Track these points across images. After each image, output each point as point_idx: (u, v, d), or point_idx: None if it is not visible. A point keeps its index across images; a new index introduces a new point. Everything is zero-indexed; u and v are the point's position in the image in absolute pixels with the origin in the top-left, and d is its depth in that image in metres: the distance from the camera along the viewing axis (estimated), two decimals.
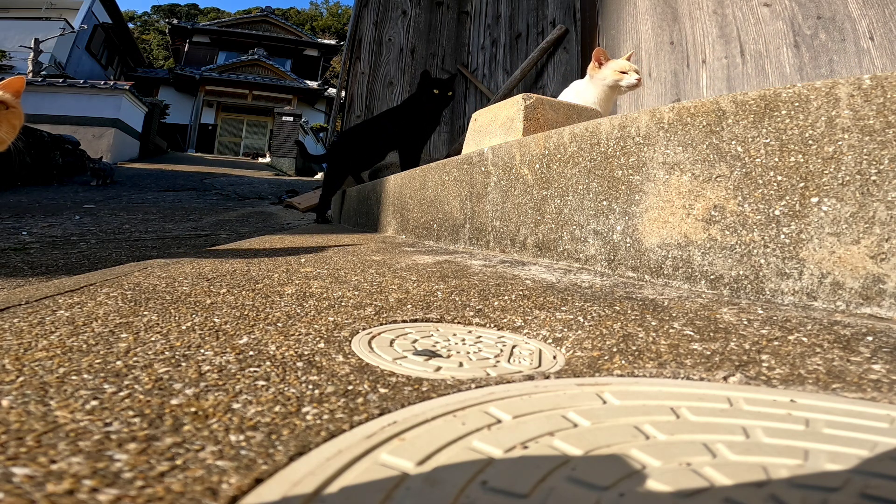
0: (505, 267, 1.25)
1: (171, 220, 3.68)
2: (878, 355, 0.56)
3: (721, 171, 0.92)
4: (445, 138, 5.26)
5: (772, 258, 0.84)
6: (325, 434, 0.38)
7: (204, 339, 0.60)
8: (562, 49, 3.62)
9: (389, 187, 2.57)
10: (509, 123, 1.69)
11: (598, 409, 0.43)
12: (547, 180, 1.33)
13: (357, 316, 0.76)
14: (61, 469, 0.31)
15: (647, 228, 1.04)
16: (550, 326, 0.73)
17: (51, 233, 2.60)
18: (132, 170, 8.60)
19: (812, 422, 0.40)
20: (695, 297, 0.87)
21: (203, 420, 0.39)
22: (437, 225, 1.93)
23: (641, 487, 0.30)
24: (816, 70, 1.93)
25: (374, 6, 5.72)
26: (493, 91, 4.38)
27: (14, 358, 0.50)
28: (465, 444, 0.36)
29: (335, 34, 25.66)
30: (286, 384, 0.48)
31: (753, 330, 0.66)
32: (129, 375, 0.47)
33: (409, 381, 0.50)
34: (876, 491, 0.30)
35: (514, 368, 0.56)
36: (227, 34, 20.33)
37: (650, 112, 1.05)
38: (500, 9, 4.56)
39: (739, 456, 0.34)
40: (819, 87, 0.80)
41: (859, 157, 0.75)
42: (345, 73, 6.26)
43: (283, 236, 2.31)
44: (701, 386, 0.49)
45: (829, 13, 1.92)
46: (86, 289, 0.88)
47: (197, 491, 0.30)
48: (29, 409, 0.39)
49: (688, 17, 2.53)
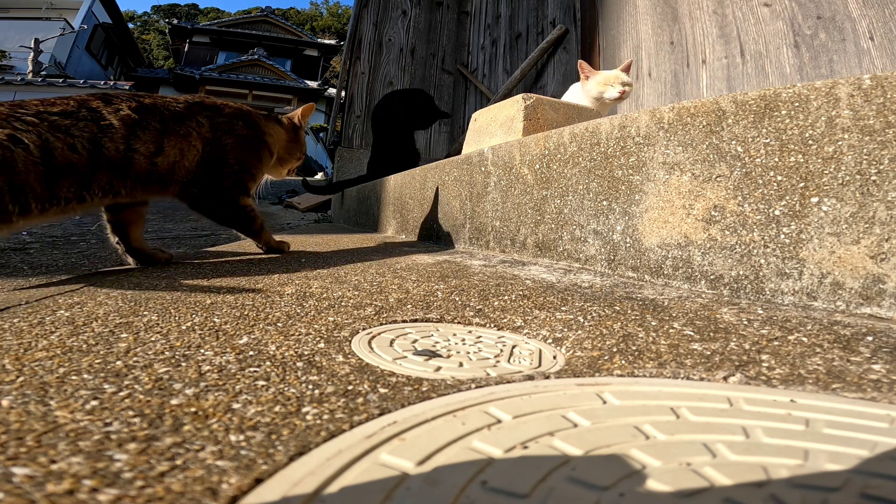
0: (505, 267, 1.25)
1: (171, 219, 3.68)
2: (878, 355, 0.56)
3: (721, 171, 0.91)
4: (445, 138, 5.26)
5: (772, 258, 0.84)
6: (325, 434, 0.38)
7: (204, 339, 0.60)
8: (562, 49, 3.62)
9: (389, 187, 2.57)
10: (509, 123, 1.69)
11: (598, 409, 0.43)
12: (547, 180, 1.33)
13: (357, 316, 0.76)
14: (61, 469, 0.31)
15: (647, 228, 1.04)
16: (550, 326, 0.73)
17: (51, 233, 2.60)
18: None
19: (812, 422, 0.40)
20: (695, 297, 0.87)
21: (203, 420, 0.39)
22: (437, 225, 1.93)
23: (641, 487, 0.30)
24: (816, 70, 1.93)
25: (374, 6, 5.72)
26: (493, 91, 4.38)
27: (14, 358, 0.50)
28: (465, 444, 0.36)
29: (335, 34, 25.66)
30: (286, 384, 0.48)
31: (753, 330, 0.66)
32: (129, 375, 0.47)
33: (409, 381, 0.50)
34: (876, 491, 0.30)
35: (514, 368, 0.56)
36: (227, 34, 20.33)
37: (650, 112, 1.05)
38: (500, 9, 4.56)
39: (739, 456, 0.34)
40: (819, 87, 0.80)
41: (859, 157, 0.75)
42: (345, 73, 6.26)
43: (283, 236, 2.31)
44: (701, 386, 0.49)
45: (829, 13, 1.92)
46: (86, 289, 0.88)
47: (197, 491, 0.30)
48: (29, 409, 0.39)
49: (688, 17, 2.53)
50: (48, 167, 0.99)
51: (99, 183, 1.09)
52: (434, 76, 5.45)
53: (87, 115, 1.08)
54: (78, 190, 1.06)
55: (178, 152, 1.23)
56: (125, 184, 1.14)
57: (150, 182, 1.19)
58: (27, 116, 0.99)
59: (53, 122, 1.02)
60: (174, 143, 1.22)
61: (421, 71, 5.46)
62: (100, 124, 1.09)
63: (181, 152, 1.24)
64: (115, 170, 1.11)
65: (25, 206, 0.98)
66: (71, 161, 1.03)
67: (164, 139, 1.20)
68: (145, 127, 1.16)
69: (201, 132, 1.29)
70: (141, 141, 1.15)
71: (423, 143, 5.19)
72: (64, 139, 1.02)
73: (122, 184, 1.14)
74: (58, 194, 1.03)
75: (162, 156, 1.20)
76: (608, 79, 1.93)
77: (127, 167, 1.13)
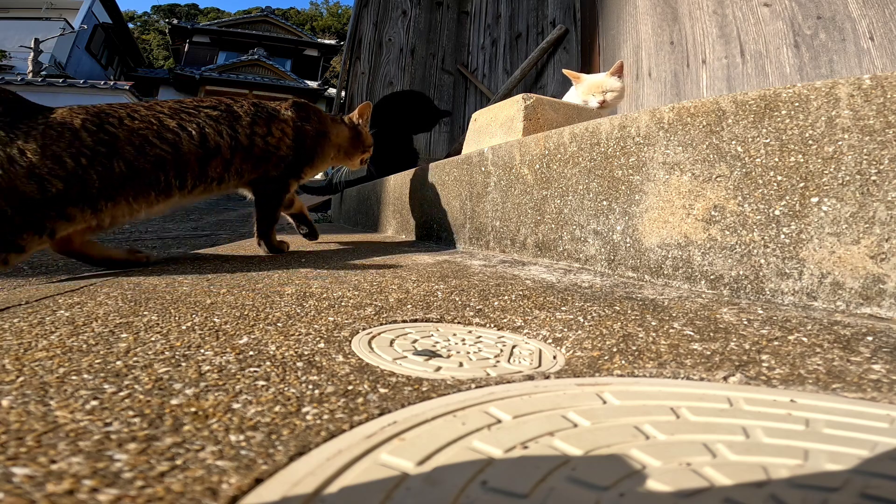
0: (505, 267, 1.25)
1: (172, 220, 3.68)
2: (878, 355, 0.56)
3: (721, 171, 0.91)
4: (445, 138, 5.26)
5: (772, 258, 0.84)
6: (325, 434, 0.38)
7: (204, 339, 0.60)
8: (562, 49, 3.62)
9: (389, 187, 2.57)
10: (509, 123, 1.69)
11: (598, 409, 0.42)
12: (547, 180, 1.33)
13: (357, 316, 0.76)
14: (61, 469, 0.31)
15: (648, 228, 1.04)
16: (550, 326, 0.73)
17: None
18: None
19: (812, 422, 0.40)
20: (695, 297, 0.87)
21: (203, 420, 0.39)
22: (437, 225, 1.93)
23: (641, 487, 0.30)
24: (816, 70, 1.93)
25: (374, 6, 5.72)
26: (493, 91, 4.38)
27: (14, 358, 0.50)
28: (465, 444, 0.36)
29: (335, 34, 25.65)
30: (286, 384, 0.48)
31: (753, 330, 0.66)
32: (129, 375, 0.47)
33: (409, 381, 0.50)
34: (876, 491, 0.30)
35: (514, 368, 0.56)
36: (227, 34, 20.32)
37: (650, 112, 1.05)
38: (500, 9, 4.56)
39: (739, 456, 0.34)
40: (819, 87, 0.80)
41: (859, 157, 0.75)
42: (345, 73, 6.26)
43: (283, 236, 2.31)
44: (701, 386, 0.49)
45: (829, 13, 1.92)
46: (86, 289, 0.88)
47: (197, 491, 0.30)
48: (29, 409, 0.39)
49: (688, 17, 2.53)
50: (204, 150, 1.24)
51: (235, 166, 1.33)
52: (434, 76, 5.44)
53: (226, 110, 1.33)
54: (221, 171, 1.31)
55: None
56: (247, 167, 1.38)
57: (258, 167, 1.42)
58: (188, 109, 1.26)
59: (207, 113, 1.28)
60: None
61: (421, 71, 5.45)
62: (234, 115, 1.34)
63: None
64: (245, 155, 1.35)
65: (183, 183, 1.23)
66: (219, 145, 1.27)
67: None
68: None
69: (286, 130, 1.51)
70: (258, 133, 1.38)
71: (423, 143, 5.19)
72: (214, 127, 1.27)
73: (247, 167, 1.37)
74: (207, 174, 1.28)
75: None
76: (591, 87, 1.94)
77: (250, 153, 1.37)
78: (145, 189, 1.17)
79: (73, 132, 1.05)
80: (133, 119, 1.16)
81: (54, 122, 1.05)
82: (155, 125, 1.18)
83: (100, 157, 1.08)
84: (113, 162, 1.09)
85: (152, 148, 1.16)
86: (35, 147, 1.00)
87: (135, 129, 1.15)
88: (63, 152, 1.03)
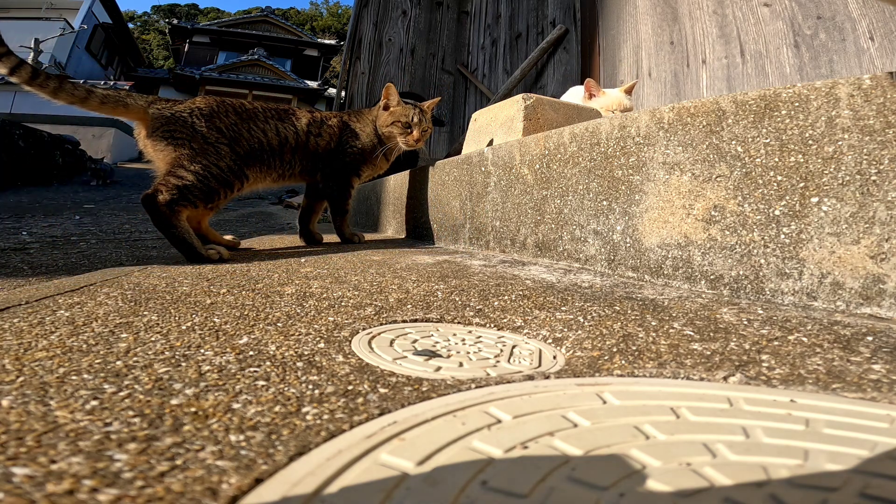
0: (505, 267, 1.25)
1: None
2: (878, 355, 0.56)
3: (721, 171, 0.91)
4: (445, 138, 5.26)
5: (772, 258, 0.84)
6: (325, 434, 0.38)
7: (204, 339, 0.60)
8: (562, 49, 3.62)
9: (389, 187, 2.57)
10: (509, 123, 1.69)
11: (598, 409, 0.42)
12: (547, 180, 1.33)
13: (357, 316, 0.76)
14: (61, 469, 0.31)
15: (647, 228, 1.04)
16: (550, 326, 0.73)
17: (51, 233, 2.60)
18: (132, 170, 8.59)
19: (812, 422, 0.40)
20: (695, 297, 0.87)
21: (203, 420, 0.39)
22: (437, 225, 1.93)
23: (641, 487, 0.30)
24: (816, 70, 1.94)
25: (374, 6, 5.72)
26: (493, 91, 4.38)
27: (14, 358, 0.50)
28: (465, 444, 0.36)
29: (335, 34, 25.64)
30: (286, 384, 0.48)
31: (753, 330, 0.66)
32: (129, 375, 0.47)
33: (409, 381, 0.50)
34: (876, 491, 0.30)
35: (514, 368, 0.56)
36: (227, 34, 20.32)
37: (650, 112, 1.05)
38: (500, 9, 4.56)
39: (739, 456, 0.34)
40: (819, 87, 0.80)
41: (859, 157, 0.75)
42: (345, 73, 6.26)
43: (283, 236, 2.31)
44: (701, 386, 0.49)
45: (829, 13, 1.92)
46: (86, 289, 0.88)
47: (197, 491, 0.30)
48: (29, 409, 0.39)
49: (688, 17, 2.53)
50: (280, 144, 1.61)
51: (299, 158, 1.69)
52: (434, 76, 5.44)
53: (283, 113, 1.68)
54: (292, 158, 1.67)
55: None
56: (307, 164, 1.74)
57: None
58: (261, 113, 1.61)
59: (274, 115, 1.64)
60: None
61: (421, 71, 5.45)
62: (291, 120, 1.68)
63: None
64: (305, 153, 1.71)
65: (270, 171, 1.62)
66: (289, 140, 1.64)
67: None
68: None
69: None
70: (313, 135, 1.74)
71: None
72: (285, 127, 1.64)
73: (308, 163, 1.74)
74: (284, 160, 1.64)
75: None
76: (609, 105, 1.94)
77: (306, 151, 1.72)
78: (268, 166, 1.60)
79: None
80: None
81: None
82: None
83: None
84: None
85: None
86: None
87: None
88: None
